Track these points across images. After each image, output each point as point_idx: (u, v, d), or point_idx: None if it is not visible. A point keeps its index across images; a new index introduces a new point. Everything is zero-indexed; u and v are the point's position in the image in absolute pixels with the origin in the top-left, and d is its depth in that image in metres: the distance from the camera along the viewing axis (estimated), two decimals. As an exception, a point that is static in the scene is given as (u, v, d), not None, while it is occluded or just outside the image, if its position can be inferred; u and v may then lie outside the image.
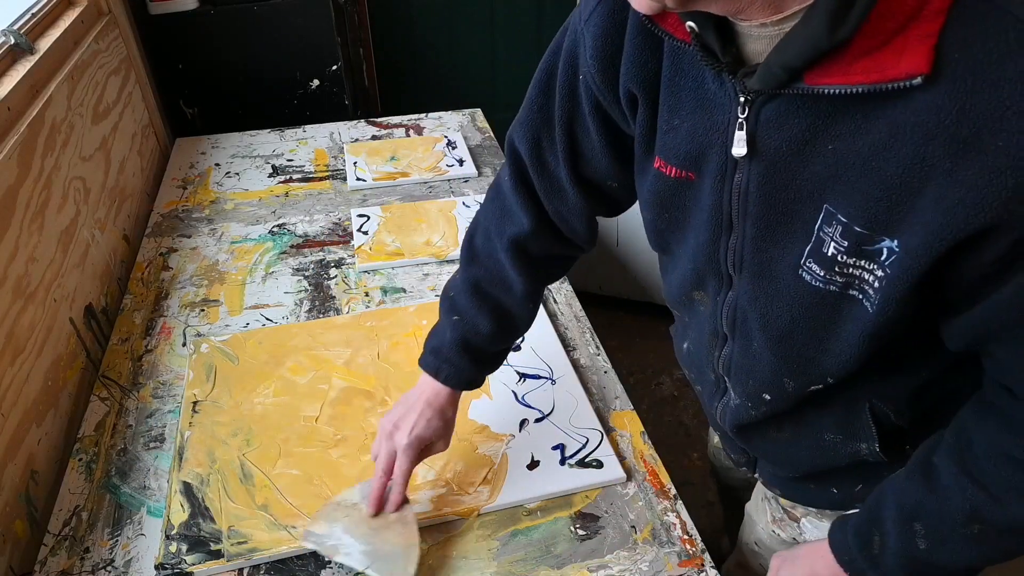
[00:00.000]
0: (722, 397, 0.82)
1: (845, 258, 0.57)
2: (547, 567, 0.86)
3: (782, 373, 0.71)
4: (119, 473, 0.99)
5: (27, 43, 1.26)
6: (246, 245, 1.46)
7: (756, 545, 1.01)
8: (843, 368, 0.66)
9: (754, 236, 0.63)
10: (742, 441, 0.85)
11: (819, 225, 0.58)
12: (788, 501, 0.91)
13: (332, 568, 0.86)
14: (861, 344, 0.62)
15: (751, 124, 0.58)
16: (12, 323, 0.99)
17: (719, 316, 0.74)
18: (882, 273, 0.56)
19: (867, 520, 0.71)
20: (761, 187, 0.60)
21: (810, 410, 0.75)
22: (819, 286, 0.60)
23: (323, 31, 2.02)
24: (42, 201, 1.14)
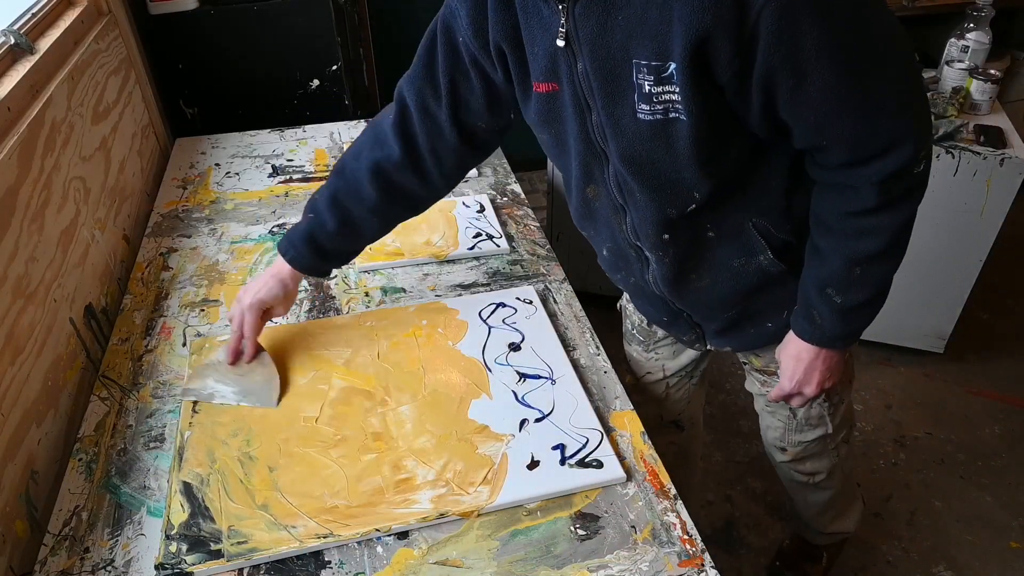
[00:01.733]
0: (648, 267, 1.03)
1: (655, 88, 0.79)
2: (547, 567, 0.86)
3: (663, 204, 0.91)
4: (119, 473, 0.99)
5: (27, 43, 1.26)
6: (246, 245, 1.46)
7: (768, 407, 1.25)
8: (699, 179, 0.86)
9: (603, 106, 0.84)
10: (680, 302, 1.06)
11: (634, 75, 0.79)
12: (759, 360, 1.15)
13: (332, 568, 0.86)
14: (696, 149, 0.82)
15: (571, 24, 0.81)
16: (12, 323, 0.99)
17: (612, 193, 0.96)
18: (678, 88, 0.77)
19: (803, 306, 0.97)
20: (593, 64, 0.82)
21: (714, 248, 0.97)
22: (651, 119, 0.81)
23: (323, 31, 2.02)
24: (42, 201, 1.14)
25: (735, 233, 0.95)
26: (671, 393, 1.36)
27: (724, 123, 0.82)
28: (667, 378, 1.34)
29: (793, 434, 1.26)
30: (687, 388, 1.37)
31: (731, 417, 2.09)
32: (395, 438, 1.01)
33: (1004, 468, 1.94)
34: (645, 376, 1.36)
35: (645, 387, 1.36)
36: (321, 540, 0.88)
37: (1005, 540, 1.76)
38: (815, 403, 1.16)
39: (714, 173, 0.87)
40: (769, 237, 0.95)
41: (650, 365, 1.34)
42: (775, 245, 0.96)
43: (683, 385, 1.36)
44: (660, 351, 1.31)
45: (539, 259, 1.41)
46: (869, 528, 1.78)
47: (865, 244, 0.88)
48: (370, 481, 0.95)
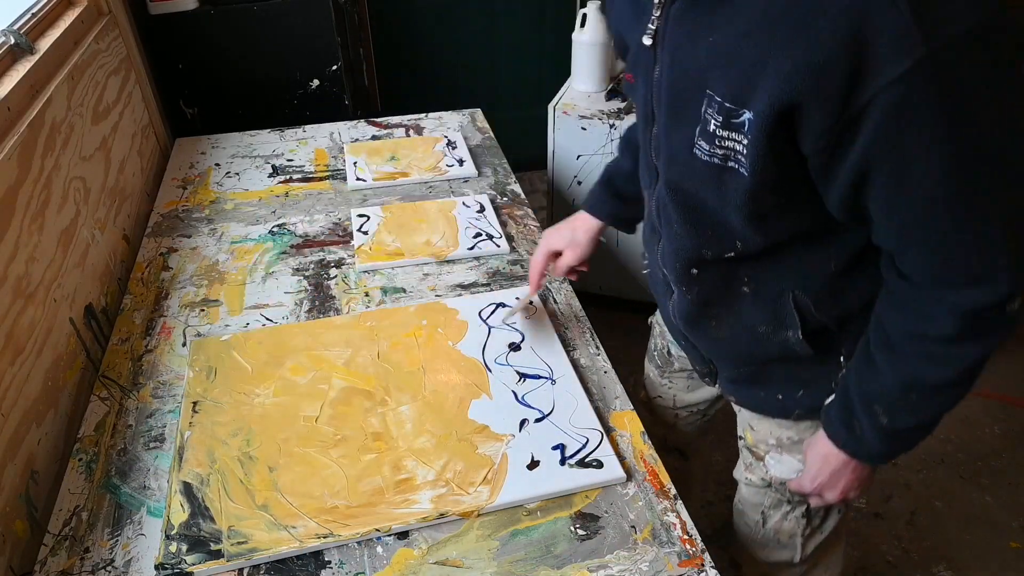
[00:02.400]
0: (672, 296, 0.96)
1: (721, 131, 0.71)
2: (547, 567, 0.86)
3: (700, 244, 0.85)
4: (119, 473, 0.99)
5: (27, 43, 1.26)
6: (246, 245, 1.46)
7: (739, 504, 1.15)
8: (746, 231, 0.79)
9: (666, 123, 0.79)
10: (694, 337, 0.99)
11: (704, 108, 0.72)
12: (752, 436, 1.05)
13: (332, 568, 0.86)
14: (751, 206, 0.75)
15: (663, 22, 0.74)
16: (12, 323, 0.99)
17: (653, 212, 0.91)
18: (746, 141, 0.69)
19: (843, 410, 0.85)
20: (669, 76, 0.76)
21: (744, 305, 0.89)
22: (707, 159, 0.74)
23: (323, 31, 2.02)
24: (42, 201, 1.14)
25: (771, 298, 0.86)
26: (679, 423, 1.30)
27: (791, 190, 0.73)
28: (677, 408, 1.28)
29: (756, 547, 1.13)
30: (698, 423, 1.30)
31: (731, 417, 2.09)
32: (395, 438, 1.01)
33: (1004, 468, 1.94)
34: (656, 398, 1.31)
35: (655, 408, 1.31)
36: (321, 540, 0.88)
37: (1005, 540, 1.76)
38: (790, 515, 1.06)
39: (765, 231, 0.79)
40: (807, 316, 0.85)
41: (662, 390, 1.29)
42: (811, 326, 0.86)
43: (694, 420, 1.29)
44: (675, 381, 1.25)
45: (539, 259, 1.40)
46: (869, 528, 1.78)
47: (929, 372, 0.77)
48: (370, 481, 0.95)
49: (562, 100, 2.09)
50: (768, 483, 1.05)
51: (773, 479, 1.04)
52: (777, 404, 0.97)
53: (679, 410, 1.28)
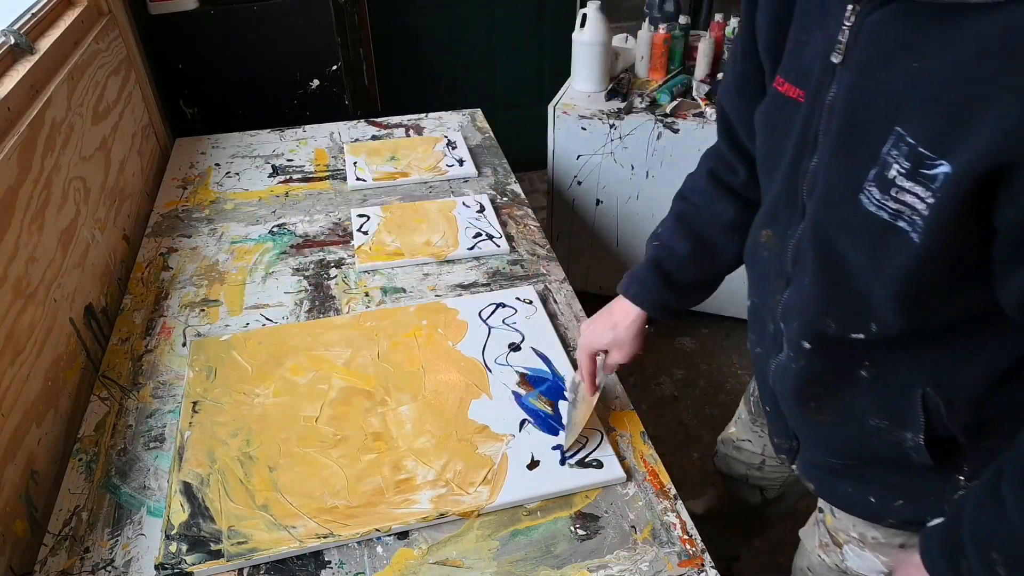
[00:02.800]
0: (778, 354, 0.81)
1: (903, 181, 0.57)
2: (547, 567, 0.86)
3: (827, 312, 0.70)
4: (119, 473, 0.99)
5: (27, 43, 1.26)
6: (246, 245, 1.46)
7: (809, 571, 1.01)
8: (888, 312, 0.65)
9: (829, 157, 0.64)
10: (788, 413, 0.84)
11: (887, 148, 0.58)
12: (834, 522, 0.90)
13: (332, 568, 0.86)
14: (907, 281, 0.61)
15: (854, 34, 0.60)
16: (12, 323, 0.99)
17: (786, 254, 0.75)
18: (932, 200, 0.55)
19: (950, 544, 0.69)
20: (846, 102, 0.61)
21: (859, 392, 0.74)
22: (872, 210, 0.60)
23: (323, 31, 2.02)
24: (42, 201, 1.14)
25: (895, 391, 0.71)
26: (765, 469, 1.21)
27: (963, 270, 0.59)
28: (765, 456, 1.18)
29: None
30: (787, 473, 1.19)
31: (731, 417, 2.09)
32: (395, 438, 1.01)
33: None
34: (745, 442, 1.21)
35: (742, 448, 1.23)
36: (321, 540, 0.88)
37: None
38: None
39: (914, 315, 0.64)
40: (934, 420, 0.70)
41: (752, 436, 1.19)
42: (936, 433, 0.71)
43: (783, 470, 1.18)
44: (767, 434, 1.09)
45: (539, 259, 1.41)
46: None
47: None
48: (370, 481, 0.95)
49: (562, 100, 2.09)
50: (843, 571, 0.93)
51: (848, 569, 0.92)
52: (867, 506, 0.82)
53: (767, 458, 1.18)
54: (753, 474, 1.24)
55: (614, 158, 2.07)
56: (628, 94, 2.08)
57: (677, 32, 2.12)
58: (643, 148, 2.02)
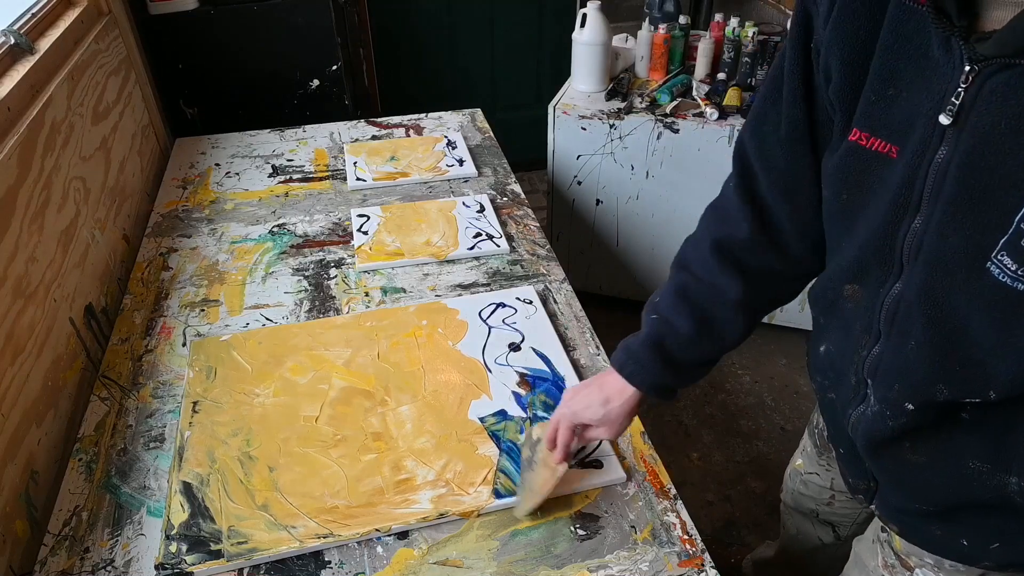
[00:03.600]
0: (859, 405, 0.76)
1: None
2: (547, 567, 0.86)
3: (938, 378, 0.65)
4: (119, 473, 0.99)
5: (27, 43, 1.26)
6: (246, 245, 1.46)
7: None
8: (1012, 381, 0.60)
9: (942, 220, 0.59)
10: (871, 459, 0.78)
11: (1021, 215, 0.53)
12: (904, 545, 0.84)
13: (332, 568, 0.86)
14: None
15: (971, 95, 0.55)
16: (12, 323, 0.99)
17: (878, 311, 0.70)
18: None
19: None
20: (965, 165, 0.57)
21: (958, 431, 0.69)
22: (1006, 282, 0.56)
23: (323, 31, 2.03)
24: (42, 201, 1.14)
25: (997, 432, 0.67)
26: (835, 504, 1.14)
27: None
28: (834, 491, 1.12)
29: None
30: (860, 510, 1.13)
31: (731, 417, 2.09)
32: (395, 438, 1.01)
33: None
34: (811, 475, 1.14)
35: (808, 483, 1.16)
36: (321, 540, 0.88)
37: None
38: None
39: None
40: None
41: (819, 469, 1.12)
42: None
43: (854, 506, 1.12)
44: (835, 467, 1.07)
45: (539, 259, 1.41)
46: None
47: None
48: (370, 481, 0.95)
49: (562, 100, 2.09)
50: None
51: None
52: (959, 549, 0.77)
53: (836, 493, 1.12)
54: (823, 509, 1.17)
55: (614, 158, 2.07)
56: (628, 94, 2.08)
57: (677, 32, 2.12)
58: (643, 148, 2.02)
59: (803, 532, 1.25)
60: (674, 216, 2.11)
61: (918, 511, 0.78)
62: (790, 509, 1.26)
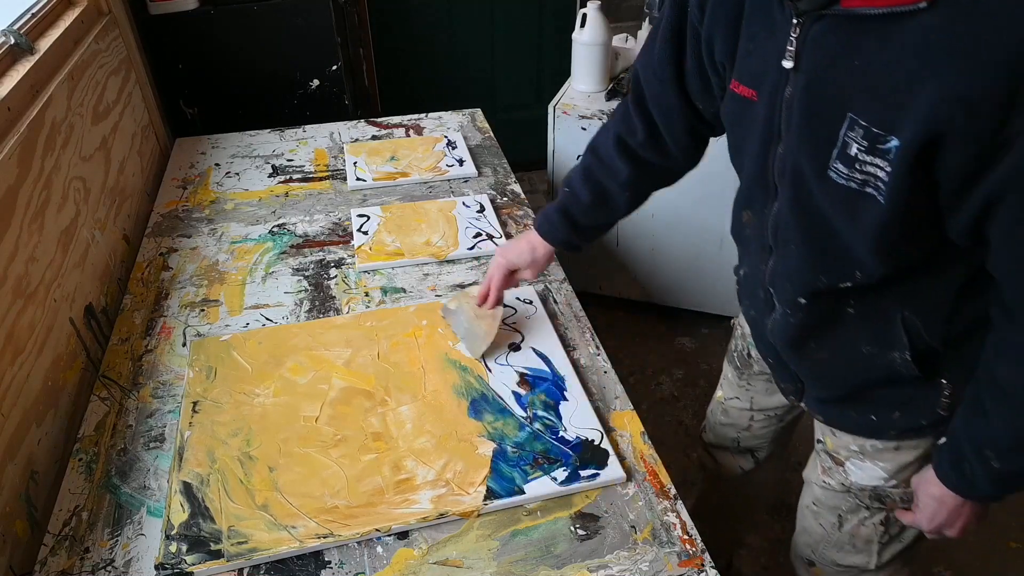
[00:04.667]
0: (771, 312, 0.94)
1: (864, 156, 0.69)
2: (547, 567, 0.86)
3: (817, 270, 0.83)
4: (119, 473, 0.99)
5: (27, 43, 1.26)
6: (246, 245, 1.46)
7: (814, 505, 1.10)
8: (869, 261, 0.77)
9: (794, 144, 0.76)
10: (791, 359, 0.96)
11: (844, 131, 0.70)
12: (833, 442, 1.01)
13: (332, 568, 0.86)
14: (880, 235, 0.73)
15: (801, 42, 0.72)
16: (12, 323, 0.99)
17: (766, 230, 0.88)
18: (890, 168, 0.68)
19: (952, 453, 0.84)
20: (802, 98, 0.73)
21: (849, 326, 0.87)
22: (843, 183, 0.72)
23: (323, 31, 2.03)
24: (42, 201, 1.14)
25: (879, 320, 0.85)
26: (754, 426, 1.27)
27: (922, 217, 0.72)
28: (753, 411, 1.24)
29: (829, 548, 1.10)
30: (774, 428, 1.26)
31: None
32: (395, 438, 1.01)
33: (1004, 468, 1.94)
34: (732, 400, 1.27)
35: (729, 410, 1.28)
36: (321, 540, 0.88)
37: (1004, 539, 1.76)
38: (868, 521, 1.03)
39: (889, 261, 0.78)
40: (916, 338, 0.84)
41: (740, 392, 1.25)
42: (919, 348, 0.84)
43: (770, 425, 1.25)
44: (754, 384, 1.21)
45: (539, 259, 1.40)
46: (869, 528, 1.78)
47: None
48: (370, 481, 0.95)
49: (562, 100, 2.09)
50: (847, 488, 1.02)
51: (852, 484, 1.01)
52: (870, 424, 0.94)
53: (755, 412, 1.25)
54: (743, 435, 1.29)
55: (614, 158, 2.07)
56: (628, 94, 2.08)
57: (677, 32, 2.11)
58: (643, 148, 2.02)
59: (725, 467, 1.37)
60: (674, 217, 2.11)
61: (834, 398, 0.96)
62: (712, 447, 1.39)
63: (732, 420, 1.29)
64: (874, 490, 0.99)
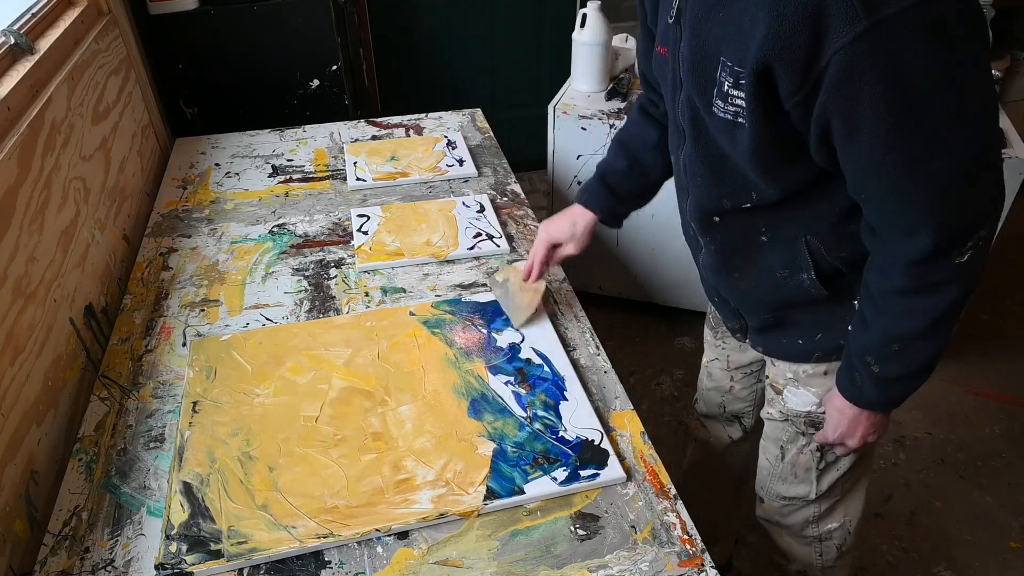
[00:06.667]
0: (700, 250, 1.06)
1: (732, 91, 0.81)
2: (547, 567, 0.86)
3: (721, 194, 0.95)
4: (119, 473, 0.99)
5: (27, 43, 1.26)
6: (246, 245, 1.46)
7: (763, 440, 1.21)
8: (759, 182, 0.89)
9: (690, 88, 0.88)
10: (723, 290, 1.09)
11: (719, 71, 0.82)
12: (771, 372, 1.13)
13: (332, 568, 0.86)
14: (756, 158, 0.85)
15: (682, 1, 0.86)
16: (12, 323, 0.99)
17: (681, 171, 1.01)
18: (745, 97, 0.79)
19: (846, 364, 0.96)
20: (688, 49, 0.86)
21: (762, 253, 0.98)
22: (722, 116, 0.84)
23: (323, 31, 2.02)
24: (42, 201, 1.14)
25: (786, 244, 0.95)
26: (735, 388, 1.34)
27: (788, 142, 0.82)
28: (731, 370, 1.33)
29: (775, 481, 1.20)
30: (754, 389, 1.33)
31: (731, 417, 2.09)
32: (395, 438, 1.01)
33: (1004, 468, 1.95)
34: (713, 361, 1.36)
35: (712, 372, 1.37)
36: (321, 540, 0.88)
37: (1005, 540, 1.76)
38: (806, 448, 1.12)
39: (774, 183, 0.88)
40: (818, 258, 0.94)
41: (717, 352, 1.34)
42: (822, 268, 0.95)
43: (749, 384, 1.33)
44: (728, 341, 1.30)
45: (539, 259, 1.40)
46: (869, 528, 1.78)
47: (903, 324, 0.86)
48: (370, 481, 0.95)
49: (562, 100, 2.09)
50: (786, 416, 1.12)
51: (789, 411, 1.11)
52: (798, 348, 1.05)
53: (733, 371, 1.33)
54: (727, 399, 1.37)
55: (614, 158, 2.07)
56: (628, 94, 2.08)
57: (677, 32, 2.11)
58: (643, 148, 2.02)
59: (715, 435, 1.45)
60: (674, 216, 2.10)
61: (765, 325, 1.07)
62: (701, 417, 1.46)
63: (716, 383, 1.37)
64: (808, 415, 1.09)
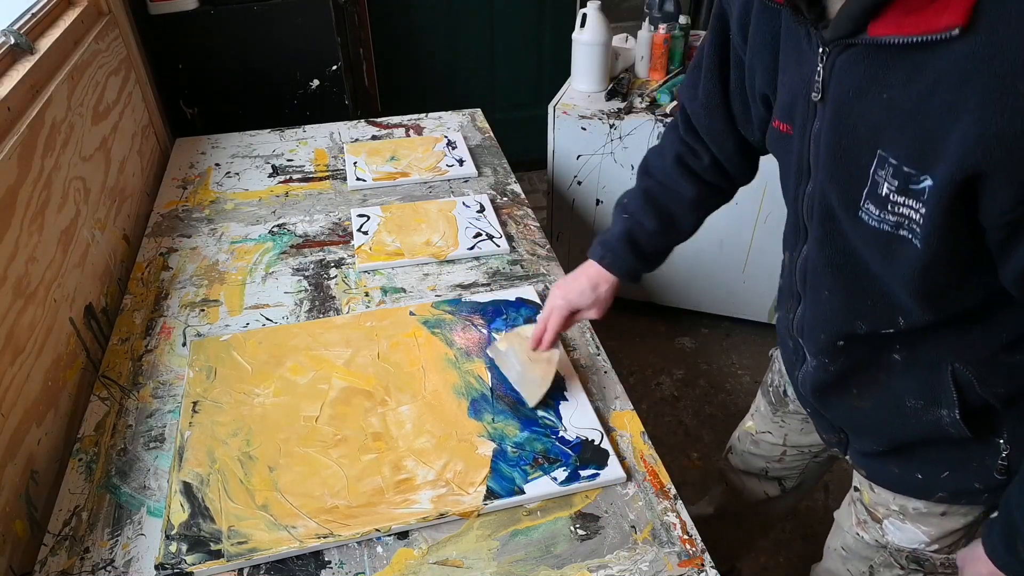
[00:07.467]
0: (801, 365, 0.90)
1: (895, 196, 0.63)
2: (547, 567, 0.86)
3: (855, 315, 0.77)
4: (119, 473, 0.99)
5: (27, 43, 1.26)
6: (246, 245, 1.46)
7: (843, 550, 1.06)
8: (913, 307, 0.72)
9: (823, 181, 0.71)
10: (826, 409, 0.91)
11: (874, 168, 0.64)
12: (872, 497, 0.96)
13: (332, 568, 0.86)
14: (922, 280, 0.67)
15: (828, 72, 0.67)
16: (12, 323, 0.99)
17: (794, 275, 0.84)
18: (925, 211, 0.62)
19: (1006, 528, 0.76)
20: (830, 132, 0.68)
21: (893, 375, 0.81)
22: (875, 225, 0.67)
23: (323, 31, 2.02)
24: (42, 201, 1.14)
25: (927, 370, 0.78)
26: (786, 459, 1.23)
27: (967, 262, 0.66)
28: (786, 446, 1.20)
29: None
30: (807, 462, 1.21)
31: (731, 417, 2.09)
32: (395, 438, 1.01)
33: (1004, 468, 1.94)
34: (765, 434, 1.22)
35: (760, 442, 1.24)
36: (321, 540, 0.88)
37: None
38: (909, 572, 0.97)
39: (935, 306, 0.71)
40: (967, 392, 0.76)
41: (773, 427, 1.20)
42: (970, 404, 0.77)
43: (803, 459, 1.21)
44: (788, 422, 1.17)
45: (539, 259, 1.41)
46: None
47: None
48: (370, 481, 0.95)
49: (562, 100, 2.09)
50: (883, 545, 0.97)
51: (890, 544, 0.96)
52: (915, 483, 0.88)
53: (788, 448, 1.20)
54: (773, 467, 1.25)
55: (614, 158, 2.07)
56: (628, 94, 2.08)
57: (677, 32, 2.12)
58: (643, 148, 2.02)
59: (749, 489, 1.33)
60: (674, 216, 2.11)
61: (877, 453, 0.89)
62: (737, 471, 1.33)
63: (763, 452, 1.24)
64: (912, 552, 0.93)
